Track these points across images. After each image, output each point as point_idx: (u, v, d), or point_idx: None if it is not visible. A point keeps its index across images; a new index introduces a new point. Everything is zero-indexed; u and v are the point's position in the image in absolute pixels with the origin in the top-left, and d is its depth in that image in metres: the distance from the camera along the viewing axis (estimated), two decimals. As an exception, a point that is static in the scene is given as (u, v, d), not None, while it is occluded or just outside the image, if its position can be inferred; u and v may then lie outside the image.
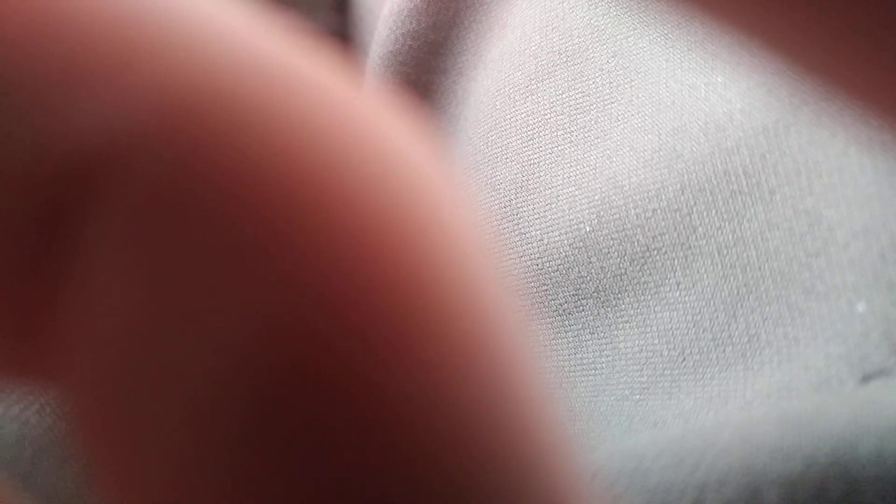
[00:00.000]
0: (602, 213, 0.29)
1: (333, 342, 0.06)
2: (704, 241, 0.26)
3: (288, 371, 0.06)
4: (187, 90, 0.06)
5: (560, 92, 0.32)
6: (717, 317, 0.25)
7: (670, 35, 0.29)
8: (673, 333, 0.26)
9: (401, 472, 0.06)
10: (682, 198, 0.27)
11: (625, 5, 0.29)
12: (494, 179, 0.33)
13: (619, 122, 0.29)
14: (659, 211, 0.27)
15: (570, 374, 0.28)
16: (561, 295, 0.30)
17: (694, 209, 0.26)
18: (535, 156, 0.32)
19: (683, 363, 0.25)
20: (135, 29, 0.06)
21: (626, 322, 0.28)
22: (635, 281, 0.27)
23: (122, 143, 0.06)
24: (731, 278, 0.25)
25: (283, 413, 0.06)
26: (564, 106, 0.32)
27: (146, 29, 0.06)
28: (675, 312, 0.26)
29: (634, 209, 0.28)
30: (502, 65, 0.35)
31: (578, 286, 0.29)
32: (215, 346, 0.06)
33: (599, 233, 0.29)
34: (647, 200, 0.27)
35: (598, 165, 0.29)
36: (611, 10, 0.32)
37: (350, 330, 0.06)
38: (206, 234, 0.06)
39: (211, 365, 0.06)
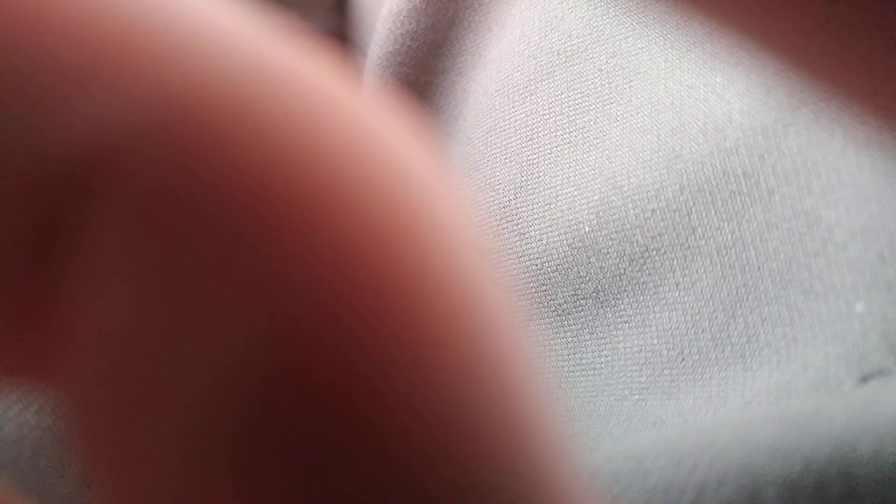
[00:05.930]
0: (601, 213, 0.29)
1: (332, 345, 0.06)
2: (703, 242, 0.26)
3: (287, 375, 0.06)
4: (185, 92, 0.06)
5: (559, 92, 0.32)
6: (716, 317, 0.25)
7: (669, 35, 0.29)
8: (672, 333, 0.26)
9: (399, 476, 0.06)
10: (681, 198, 0.27)
11: (624, 6, 0.29)
12: (493, 180, 0.33)
13: (618, 123, 0.29)
14: (658, 211, 0.27)
15: (569, 374, 0.28)
16: (560, 295, 0.30)
17: (693, 209, 0.26)
18: (534, 156, 0.32)
19: (682, 363, 0.25)
20: (133, 30, 0.06)
21: (626, 322, 0.28)
22: (634, 281, 0.27)
23: (120, 145, 0.06)
24: (730, 278, 0.25)
25: (282, 416, 0.06)
26: (563, 106, 0.32)
27: (144, 30, 0.06)
28: (674, 313, 0.26)
29: (633, 209, 0.28)
30: (501, 65, 0.35)
31: (577, 286, 0.29)
32: (213, 349, 0.06)
33: (598, 233, 0.29)
34: (646, 201, 0.27)
35: (597, 166, 0.29)
36: (610, 11, 0.32)
37: (348, 333, 0.06)
38: (204, 236, 0.06)
39: (209, 368, 0.06)
